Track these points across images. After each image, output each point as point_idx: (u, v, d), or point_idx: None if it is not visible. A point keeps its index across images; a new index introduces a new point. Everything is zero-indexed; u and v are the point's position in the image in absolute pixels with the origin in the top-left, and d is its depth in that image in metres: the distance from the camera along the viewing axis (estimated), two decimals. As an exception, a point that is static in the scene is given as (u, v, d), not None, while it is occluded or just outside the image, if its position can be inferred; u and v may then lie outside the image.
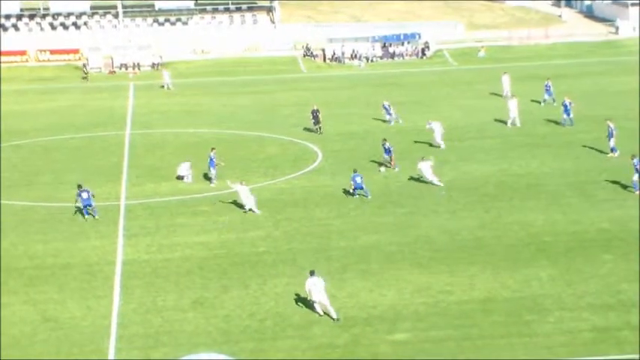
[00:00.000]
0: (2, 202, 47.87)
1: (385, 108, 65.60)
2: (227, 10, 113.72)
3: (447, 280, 35.82)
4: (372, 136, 60.40)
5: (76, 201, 45.36)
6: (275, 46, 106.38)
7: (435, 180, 48.89)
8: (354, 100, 77.01)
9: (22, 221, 45.04)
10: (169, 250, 40.53)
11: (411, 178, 49.99)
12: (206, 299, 34.79)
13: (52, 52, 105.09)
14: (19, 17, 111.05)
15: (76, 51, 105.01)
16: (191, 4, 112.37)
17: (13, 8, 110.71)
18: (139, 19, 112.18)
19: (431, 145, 57.37)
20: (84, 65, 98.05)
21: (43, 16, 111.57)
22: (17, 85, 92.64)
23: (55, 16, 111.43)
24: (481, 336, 31.02)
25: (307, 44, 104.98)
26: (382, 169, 52.24)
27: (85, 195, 44.97)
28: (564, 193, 46.88)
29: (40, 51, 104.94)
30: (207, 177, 51.18)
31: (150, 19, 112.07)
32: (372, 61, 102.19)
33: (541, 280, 35.49)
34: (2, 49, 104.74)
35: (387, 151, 52.85)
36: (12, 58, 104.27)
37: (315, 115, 62.74)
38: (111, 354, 30.58)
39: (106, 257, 39.78)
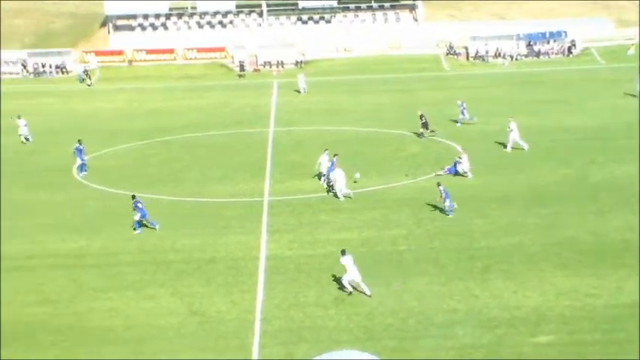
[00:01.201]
0: (151, 196, 49.10)
1: (460, 107, 64.85)
2: (370, 8, 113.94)
3: (594, 284, 35.02)
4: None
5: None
6: (417, 44, 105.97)
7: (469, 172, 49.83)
8: (497, 98, 76.13)
9: (170, 215, 46.07)
10: (311, 247, 40.86)
11: (554, 180, 49.14)
12: (348, 296, 34.91)
13: (199, 50, 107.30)
14: (168, 17, 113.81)
15: (221, 49, 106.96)
16: (334, 3, 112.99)
17: (162, 8, 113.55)
18: (282, 18, 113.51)
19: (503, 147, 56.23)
20: (241, 64, 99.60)
21: (191, 16, 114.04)
22: (165, 82, 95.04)
23: (202, 15, 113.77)
24: (629, 340, 30.24)
25: (450, 42, 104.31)
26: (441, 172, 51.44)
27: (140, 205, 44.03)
28: None
29: (188, 49, 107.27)
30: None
31: (293, 18, 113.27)
32: (516, 59, 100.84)
33: (692, 285, 34.41)
34: (152, 47, 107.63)
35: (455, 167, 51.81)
36: (161, 56, 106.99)
37: (423, 119, 62.11)
38: (255, 348, 30.99)
39: (250, 252, 40.35)
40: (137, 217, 43.54)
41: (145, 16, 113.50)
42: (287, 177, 53.09)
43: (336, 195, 47.85)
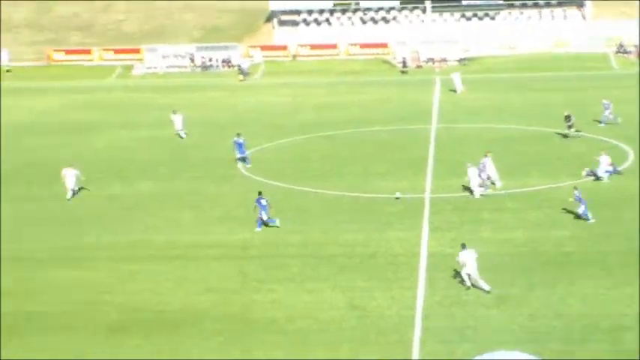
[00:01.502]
0: (313, 190, 49.59)
1: (605, 107, 63.01)
2: (536, 5, 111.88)
3: None
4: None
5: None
6: (585, 42, 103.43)
7: (477, 190, 47.64)
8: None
9: (332, 210, 46.42)
10: (473, 246, 40.24)
11: None
12: (510, 296, 34.44)
13: (362, 46, 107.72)
14: (332, 12, 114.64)
15: (384, 45, 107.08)
16: (500, 0, 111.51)
17: (327, 4, 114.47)
18: (446, 14, 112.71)
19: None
20: (403, 60, 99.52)
21: (354, 11, 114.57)
22: (328, 77, 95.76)
23: (365, 11, 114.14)
24: None
25: (620, 40, 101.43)
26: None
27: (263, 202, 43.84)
28: None
29: (351, 45, 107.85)
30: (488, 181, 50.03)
31: (457, 14, 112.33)
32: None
33: None
34: (315, 42, 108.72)
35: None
36: (324, 51, 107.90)
37: (569, 120, 60.46)
38: (415, 345, 30.91)
39: (411, 249, 40.27)
40: (264, 216, 43.51)
41: (310, 12, 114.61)
42: (449, 174, 52.68)
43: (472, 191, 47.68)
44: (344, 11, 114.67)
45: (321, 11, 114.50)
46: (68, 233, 43.31)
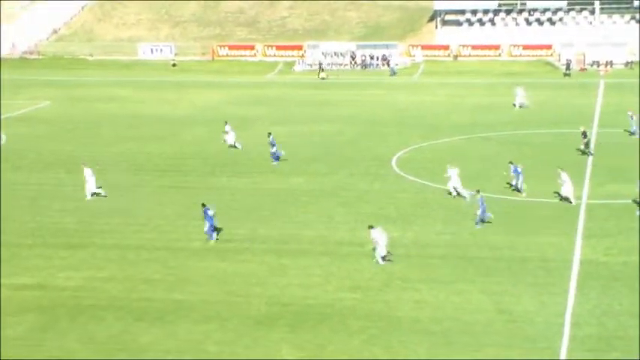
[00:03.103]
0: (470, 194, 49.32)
1: (630, 118, 61.47)
2: None
3: None
4: None
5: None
6: None
7: (462, 191, 47.99)
8: None
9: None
10: (629, 254, 39.30)
11: None
12: (665, 309, 33.35)
13: (525, 47, 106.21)
14: (496, 12, 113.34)
15: (548, 47, 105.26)
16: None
17: (492, 4, 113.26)
18: (616, 16, 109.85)
19: None
20: (567, 62, 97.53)
21: (520, 12, 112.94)
22: (487, 78, 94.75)
23: (531, 12, 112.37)
24: None
25: None
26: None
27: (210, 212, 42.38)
28: None
29: (513, 46, 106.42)
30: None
31: (627, 16, 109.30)
32: None
33: None
34: (478, 43, 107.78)
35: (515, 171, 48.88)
36: (486, 52, 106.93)
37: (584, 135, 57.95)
38: (562, 353, 30.26)
39: (563, 255, 39.42)
40: (206, 226, 42.57)
41: (474, 12, 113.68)
42: (607, 180, 51.36)
43: None
44: (509, 11, 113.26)
45: (486, 11, 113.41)
46: (222, 225, 44.24)
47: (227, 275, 38.07)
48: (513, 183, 49.58)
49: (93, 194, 49.90)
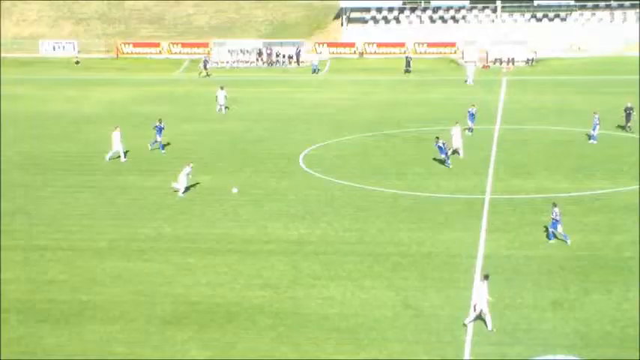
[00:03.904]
0: (372, 188, 49.55)
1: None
2: (608, 7, 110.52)
3: None
4: None
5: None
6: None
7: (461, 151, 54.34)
8: None
9: (391, 208, 46.34)
10: (531, 248, 40.09)
11: None
12: (565, 300, 34.08)
13: (430, 44, 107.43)
14: (401, 10, 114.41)
15: (452, 44, 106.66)
16: (571, 1, 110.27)
17: (397, 3, 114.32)
18: (516, 15, 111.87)
19: None
20: (407, 60, 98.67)
21: (424, 10, 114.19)
22: (394, 75, 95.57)
23: (435, 10, 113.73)
24: None
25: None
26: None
27: None
28: None
29: (418, 44, 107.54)
30: None
31: (527, 15, 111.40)
32: None
33: None
34: (383, 40, 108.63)
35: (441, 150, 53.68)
36: (391, 49, 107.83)
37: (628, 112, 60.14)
38: (467, 346, 30.72)
39: (468, 250, 40.01)
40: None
41: (379, 10, 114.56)
42: (510, 175, 52.31)
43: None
44: (413, 10, 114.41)
45: (391, 9, 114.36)
46: (127, 224, 43.77)
47: (133, 275, 37.73)
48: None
49: None
